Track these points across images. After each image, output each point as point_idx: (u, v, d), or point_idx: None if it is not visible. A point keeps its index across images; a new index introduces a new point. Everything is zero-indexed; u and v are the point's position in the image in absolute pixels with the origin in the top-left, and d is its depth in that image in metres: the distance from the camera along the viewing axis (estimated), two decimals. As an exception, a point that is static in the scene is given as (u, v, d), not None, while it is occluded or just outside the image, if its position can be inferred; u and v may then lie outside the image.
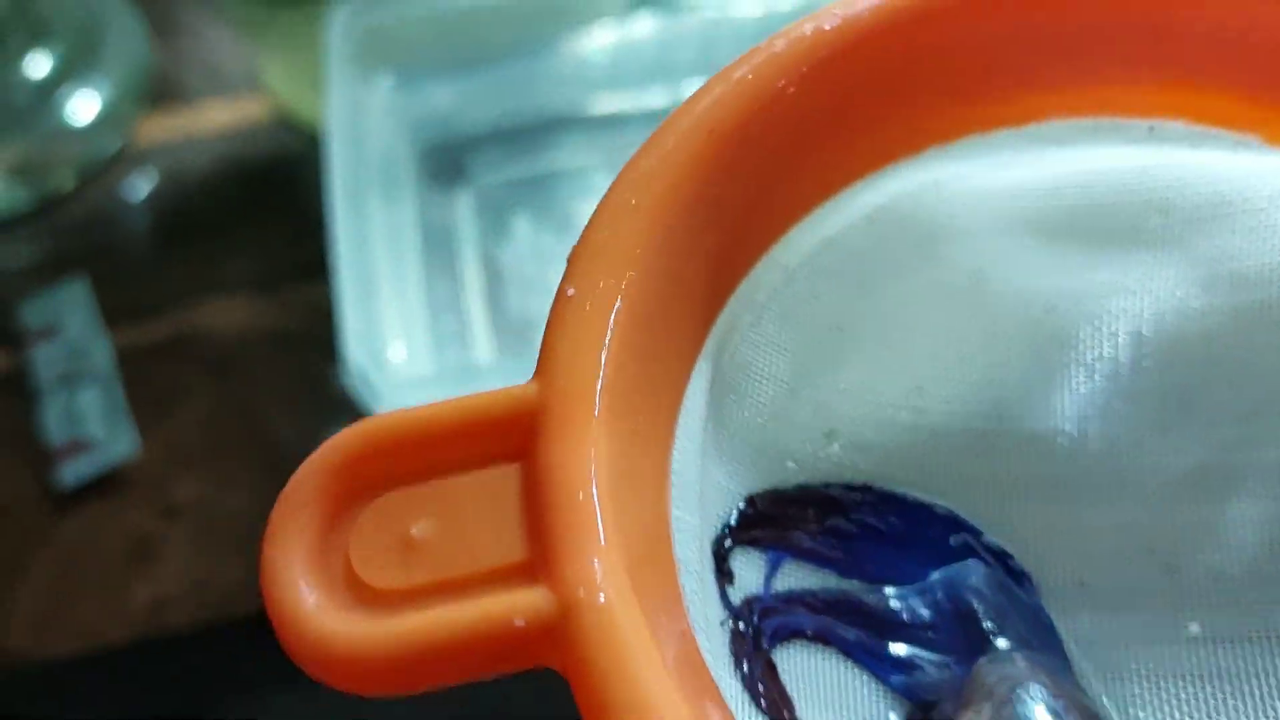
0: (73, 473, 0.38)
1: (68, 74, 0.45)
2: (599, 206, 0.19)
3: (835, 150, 0.21)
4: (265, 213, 0.44)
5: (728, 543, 0.21)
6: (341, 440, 0.17)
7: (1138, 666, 0.22)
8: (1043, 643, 0.22)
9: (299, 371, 0.40)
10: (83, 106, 0.45)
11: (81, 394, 0.40)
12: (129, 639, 0.36)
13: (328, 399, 0.39)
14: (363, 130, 0.38)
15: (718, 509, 0.21)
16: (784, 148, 0.20)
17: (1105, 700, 0.22)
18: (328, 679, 0.17)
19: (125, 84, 0.46)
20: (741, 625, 0.21)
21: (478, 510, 0.17)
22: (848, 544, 0.22)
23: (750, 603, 0.21)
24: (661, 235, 0.19)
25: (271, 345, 0.41)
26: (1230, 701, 0.21)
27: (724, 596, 0.21)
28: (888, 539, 0.22)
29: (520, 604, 0.16)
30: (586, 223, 0.19)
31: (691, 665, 0.18)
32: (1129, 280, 0.22)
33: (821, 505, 0.22)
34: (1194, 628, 0.22)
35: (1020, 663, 0.21)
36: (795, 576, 0.22)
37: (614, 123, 0.43)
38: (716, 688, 0.18)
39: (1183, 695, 0.21)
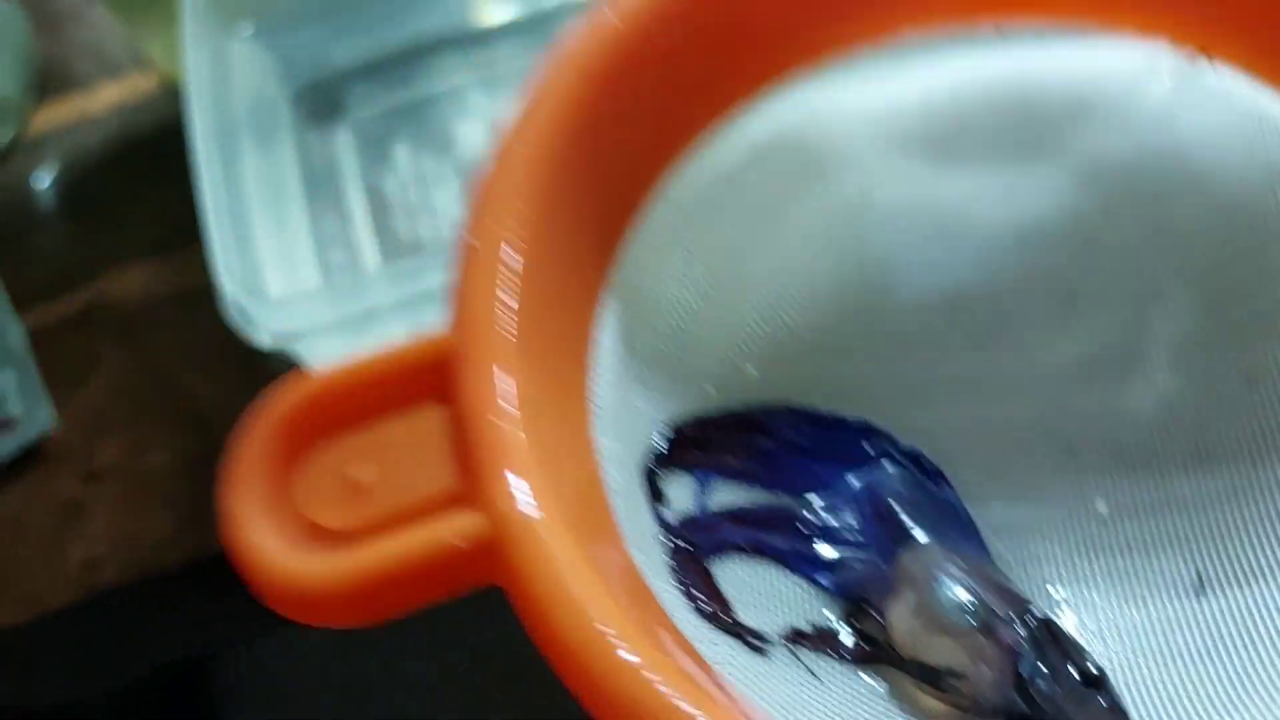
0: (-4, 452, 0.39)
1: (-44, 74, 0.45)
2: (490, 156, 0.20)
3: (704, 80, 0.22)
4: (163, 180, 0.44)
5: (658, 467, 0.23)
6: (283, 398, 0.19)
7: (1051, 547, 0.23)
8: (960, 534, 0.23)
9: (204, 327, 0.40)
10: (-28, 103, 0.45)
11: (-2, 376, 0.40)
12: (67, 601, 0.37)
13: (233, 351, 0.40)
14: (226, 81, 0.38)
15: (642, 435, 0.22)
16: (654, 83, 0.21)
17: (1024, 582, 0.22)
18: (299, 616, 0.18)
19: (12, 76, 0.46)
20: (677, 541, 0.22)
21: (409, 449, 0.19)
22: (771, 460, 0.24)
23: (684, 521, 0.22)
24: (549, 178, 0.20)
25: (176, 306, 0.41)
26: (1138, 569, 0.22)
27: (658, 516, 0.22)
28: (807, 451, 0.24)
29: (458, 527, 0.17)
30: (480, 172, 0.20)
31: (622, 571, 0.19)
32: (1005, 185, 0.23)
33: (744, 426, 0.24)
34: (1101, 506, 0.23)
35: (938, 551, 0.22)
36: (726, 493, 0.23)
37: (484, 39, 0.43)
38: (648, 590, 0.20)
39: (1096, 569, 0.22)
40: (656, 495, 0.22)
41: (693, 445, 0.23)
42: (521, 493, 0.17)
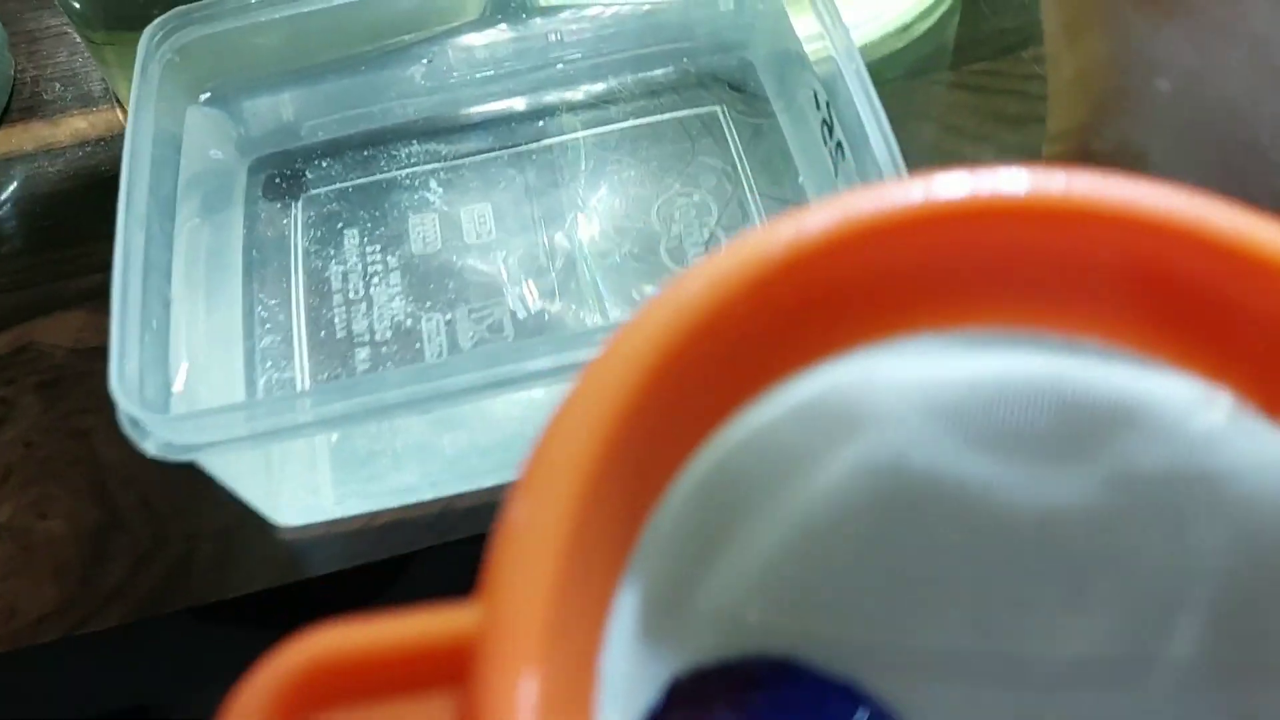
0: (-105, 494, 0.38)
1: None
2: (545, 433, 0.19)
3: (768, 358, 0.21)
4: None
5: None
6: (286, 660, 0.18)
7: None
8: None
9: (125, 390, 0.39)
10: (-65, 119, 0.44)
11: (-90, 414, 0.39)
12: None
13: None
14: (171, 148, 0.37)
15: (644, 696, 0.22)
16: (720, 362, 0.20)
17: None
18: None
19: (-19, 95, 0.45)
20: None
21: None
22: (761, 715, 0.23)
23: None
24: (599, 465, 0.19)
25: (102, 361, 0.41)
26: None
27: None
28: (797, 709, 0.23)
29: None
30: (533, 448, 0.18)
31: None
32: (1035, 476, 0.22)
33: (739, 680, 0.23)
34: None
35: None
36: None
37: (454, 132, 0.42)
38: None
39: None
40: None
41: (688, 700, 0.22)
42: None
